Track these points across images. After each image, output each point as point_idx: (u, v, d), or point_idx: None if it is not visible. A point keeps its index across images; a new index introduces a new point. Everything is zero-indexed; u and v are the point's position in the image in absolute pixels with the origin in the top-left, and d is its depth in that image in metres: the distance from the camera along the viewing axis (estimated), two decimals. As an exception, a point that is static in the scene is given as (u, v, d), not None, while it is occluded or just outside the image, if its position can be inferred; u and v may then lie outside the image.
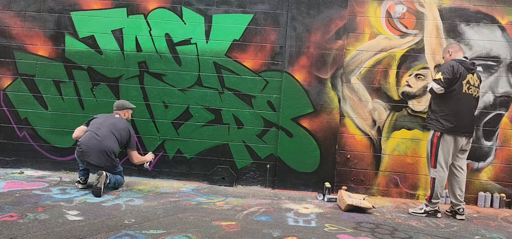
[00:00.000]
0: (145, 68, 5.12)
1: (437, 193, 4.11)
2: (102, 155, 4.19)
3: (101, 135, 4.24)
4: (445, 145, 4.06)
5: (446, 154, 4.07)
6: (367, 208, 4.14)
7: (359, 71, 5.00)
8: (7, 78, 5.16)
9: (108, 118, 4.45)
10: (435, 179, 4.11)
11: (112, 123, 4.39)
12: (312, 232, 3.37)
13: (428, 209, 4.18)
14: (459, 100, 4.02)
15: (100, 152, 4.18)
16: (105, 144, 4.21)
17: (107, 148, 4.20)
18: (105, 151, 4.19)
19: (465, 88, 4.04)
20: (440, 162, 4.08)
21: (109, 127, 4.32)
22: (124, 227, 3.17)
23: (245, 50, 5.05)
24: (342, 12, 4.93)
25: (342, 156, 5.01)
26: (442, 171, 4.09)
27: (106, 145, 4.20)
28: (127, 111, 4.67)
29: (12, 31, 5.15)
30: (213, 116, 5.10)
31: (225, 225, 3.40)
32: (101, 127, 4.32)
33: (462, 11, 4.90)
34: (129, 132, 4.46)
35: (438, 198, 4.14)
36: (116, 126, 4.37)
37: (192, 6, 5.07)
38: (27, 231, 2.93)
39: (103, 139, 4.23)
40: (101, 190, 4.03)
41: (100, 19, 5.11)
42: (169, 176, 5.14)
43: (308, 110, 4.95)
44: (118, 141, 4.33)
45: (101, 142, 4.20)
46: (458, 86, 4.00)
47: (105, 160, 4.21)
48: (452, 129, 4.02)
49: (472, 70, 4.09)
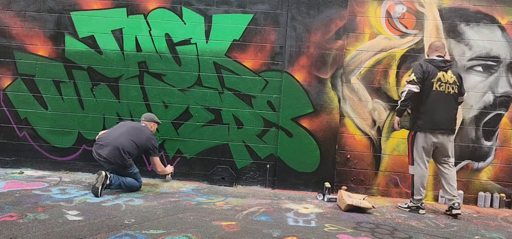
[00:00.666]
0: (145, 68, 5.12)
1: (418, 189, 4.23)
2: (115, 150, 4.19)
3: (119, 133, 4.32)
4: (418, 143, 4.20)
5: (420, 151, 4.21)
6: (367, 208, 4.14)
7: (359, 71, 5.00)
8: (7, 78, 5.17)
9: (131, 123, 4.59)
10: (413, 176, 4.27)
11: (133, 126, 4.48)
12: (312, 232, 3.37)
13: (411, 205, 4.31)
14: (429, 99, 4.13)
15: (115, 148, 4.20)
16: (120, 140, 4.24)
17: (121, 145, 4.22)
18: (119, 147, 4.20)
19: (436, 86, 4.12)
20: (416, 159, 4.24)
21: (129, 129, 4.39)
22: (124, 227, 3.17)
23: (245, 50, 5.06)
24: (342, 12, 4.93)
25: (342, 156, 5.02)
26: (419, 167, 4.22)
27: (120, 142, 4.23)
28: (154, 124, 4.70)
29: (12, 31, 5.15)
30: (213, 116, 5.10)
31: (225, 225, 3.40)
32: (121, 127, 4.44)
33: (462, 11, 4.90)
34: (150, 140, 4.44)
35: (420, 195, 4.24)
36: (136, 129, 4.42)
37: (192, 6, 5.07)
38: (27, 231, 2.93)
39: (119, 136, 4.28)
40: (99, 190, 4.03)
41: (100, 19, 5.11)
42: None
43: (308, 110, 4.95)
44: (135, 143, 4.31)
45: (116, 139, 4.25)
46: (427, 85, 4.12)
47: (116, 156, 4.20)
48: (423, 126, 4.16)
49: (443, 67, 4.16)
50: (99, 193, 4.03)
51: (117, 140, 4.25)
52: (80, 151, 5.16)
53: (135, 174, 4.41)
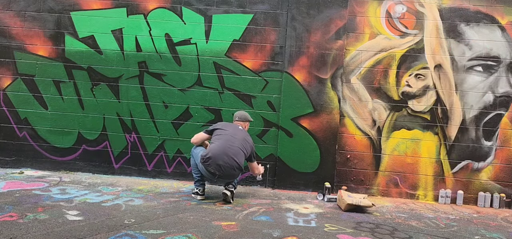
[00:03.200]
0: (145, 68, 5.12)
1: None
2: (233, 170, 4.08)
3: (234, 151, 4.07)
4: None
5: None
6: (367, 206, 4.14)
7: (359, 71, 5.00)
8: (7, 78, 5.16)
9: (237, 131, 4.25)
10: None
11: (243, 138, 4.22)
12: (312, 232, 3.37)
13: None
14: None
15: (232, 168, 4.06)
16: (237, 158, 4.08)
17: (239, 161, 4.09)
18: (237, 166, 4.09)
19: None
20: None
21: (241, 142, 4.16)
22: (124, 227, 3.17)
23: (245, 50, 5.05)
24: (342, 12, 4.93)
25: (342, 156, 5.01)
26: None
27: (238, 159, 4.09)
28: (248, 124, 4.51)
29: (12, 31, 5.15)
30: (213, 117, 5.10)
31: (225, 225, 3.40)
32: (234, 142, 4.12)
33: (462, 11, 4.90)
34: (252, 146, 4.32)
35: None
36: (246, 141, 4.23)
37: (192, 6, 5.07)
38: (27, 231, 2.93)
39: (236, 153, 4.08)
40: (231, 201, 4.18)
41: (100, 19, 5.11)
42: (169, 176, 5.14)
43: (308, 110, 4.95)
44: (245, 156, 4.23)
45: (234, 157, 4.05)
46: None
47: (235, 174, 4.16)
48: None
49: None
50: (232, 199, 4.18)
51: (236, 158, 4.06)
52: (80, 151, 5.16)
53: None
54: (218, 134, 4.19)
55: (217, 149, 4.03)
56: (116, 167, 5.15)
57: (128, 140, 5.14)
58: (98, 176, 5.05)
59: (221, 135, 4.17)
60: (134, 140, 5.14)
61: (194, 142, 4.32)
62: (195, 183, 4.32)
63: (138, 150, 5.14)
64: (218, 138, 4.15)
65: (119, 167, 5.15)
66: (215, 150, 4.03)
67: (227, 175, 4.10)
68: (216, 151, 4.02)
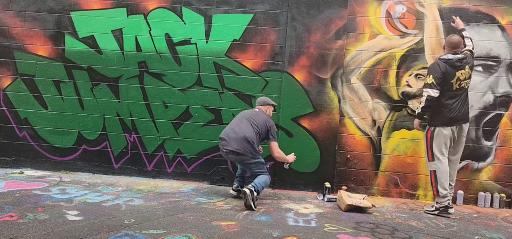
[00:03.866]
0: (145, 68, 5.12)
1: (442, 185, 4.16)
2: (242, 141, 4.15)
3: (240, 126, 4.25)
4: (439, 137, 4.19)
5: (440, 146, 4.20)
6: (367, 207, 4.14)
7: (359, 71, 5.00)
8: (7, 78, 5.17)
9: (250, 112, 4.44)
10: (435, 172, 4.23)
11: (250, 115, 4.36)
12: (312, 232, 3.37)
13: (438, 206, 4.22)
14: (448, 98, 4.15)
15: (240, 139, 4.15)
16: (243, 129, 4.20)
17: (246, 133, 4.17)
18: (244, 136, 4.15)
19: (456, 86, 4.14)
20: (436, 153, 4.21)
21: (247, 119, 4.29)
22: (124, 227, 3.17)
23: (245, 50, 5.05)
24: (342, 12, 4.93)
25: (342, 156, 5.01)
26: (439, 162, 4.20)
27: (244, 131, 4.18)
28: (269, 107, 4.54)
29: (12, 31, 5.15)
30: (213, 117, 5.10)
31: (225, 225, 3.40)
32: (241, 117, 4.37)
33: (462, 11, 4.90)
34: (267, 123, 4.31)
35: (446, 191, 4.16)
36: (254, 118, 4.31)
37: (192, 6, 5.07)
38: (27, 231, 2.93)
39: (242, 125, 4.23)
40: (252, 205, 3.94)
41: (100, 19, 5.11)
42: (169, 176, 5.14)
43: (308, 110, 4.95)
44: (256, 128, 4.24)
45: (240, 129, 4.21)
46: (448, 87, 4.13)
47: (245, 145, 4.15)
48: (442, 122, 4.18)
49: (459, 66, 4.14)
50: (254, 207, 3.96)
51: (242, 130, 4.19)
52: (80, 151, 5.16)
53: (263, 163, 4.33)
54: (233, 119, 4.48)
55: (227, 127, 4.37)
56: (116, 167, 5.16)
57: (128, 140, 5.15)
58: (98, 176, 5.05)
59: (235, 117, 4.47)
60: (134, 140, 5.14)
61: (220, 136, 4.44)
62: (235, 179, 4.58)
63: (138, 150, 5.15)
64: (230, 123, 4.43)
65: (119, 167, 5.15)
66: (226, 128, 4.36)
67: (236, 149, 4.13)
68: (226, 128, 4.35)
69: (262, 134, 4.30)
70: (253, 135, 4.21)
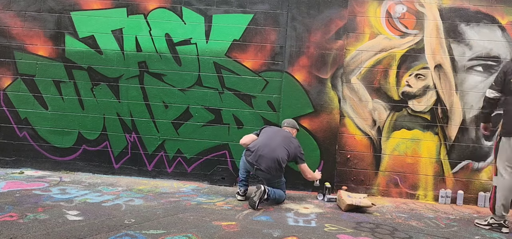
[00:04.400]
0: (145, 68, 5.12)
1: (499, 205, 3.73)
2: (273, 162, 4.15)
3: (275, 144, 4.22)
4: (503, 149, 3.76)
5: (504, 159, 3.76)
6: (367, 206, 4.14)
7: (359, 71, 5.00)
8: (7, 78, 5.17)
9: (281, 131, 4.45)
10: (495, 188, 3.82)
11: (285, 136, 4.36)
12: (312, 232, 3.36)
13: (492, 222, 3.82)
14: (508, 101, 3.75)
15: (272, 160, 4.15)
16: (277, 152, 4.18)
17: (279, 156, 4.17)
18: (277, 159, 4.15)
19: None
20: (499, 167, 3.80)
21: (282, 139, 4.29)
22: (124, 227, 3.17)
23: (245, 50, 5.05)
24: (342, 12, 4.93)
25: (342, 156, 5.01)
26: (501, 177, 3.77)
27: (278, 154, 4.17)
28: (295, 131, 4.61)
29: (12, 31, 5.15)
30: (213, 117, 5.10)
31: (225, 225, 3.40)
32: (275, 137, 4.30)
33: (462, 11, 4.90)
34: (298, 148, 4.36)
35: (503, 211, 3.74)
36: (289, 139, 4.34)
37: (192, 6, 5.07)
38: (27, 231, 2.93)
39: (276, 147, 4.20)
40: (256, 203, 3.97)
41: (100, 19, 5.11)
42: (169, 176, 5.14)
43: (308, 110, 4.95)
44: (288, 153, 4.26)
45: (274, 150, 4.18)
46: (506, 86, 3.75)
47: (275, 168, 4.17)
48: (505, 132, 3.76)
49: None
50: (256, 206, 3.98)
51: (275, 152, 4.17)
52: (80, 151, 5.16)
53: (284, 183, 4.39)
54: (264, 133, 4.41)
55: (259, 142, 4.29)
56: (116, 167, 5.16)
57: (128, 140, 5.15)
58: (98, 176, 5.05)
59: (266, 132, 4.40)
60: (134, 140, 5.14)
61: (242, 142, 4.40)
62: (239, 182, 4.46)
63: (138, 150, 5.15)
64: (262, 134, 4.41)
65: (119, 167, 5.16)
66: (258, 143, 4.29)
67: (266, 168, 4.15)
68: (259, 143, 4.28)
69: (291, 157, 4.33)
70: (285, 158, 4.23)
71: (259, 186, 4.05)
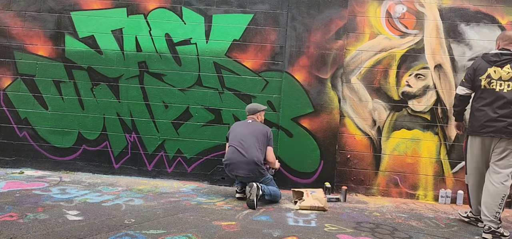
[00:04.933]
0: (145, 68, 5.12)
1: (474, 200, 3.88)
2: (249, 165, 4.16)
3: (246, 145, 4.20)
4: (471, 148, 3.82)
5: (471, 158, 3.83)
6: (320, 208, 4.10)
7: (359, 71, 5.00)
8: (7, 78, 5.17)
9: (245, 127, 4.36)
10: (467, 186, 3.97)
11: (250, 131, 4.30)
12: (312, 232, 3.37)
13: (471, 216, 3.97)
14: (479, 99, 3.69)
15: (247, 163, 4.16)
16: (250, 154, 4.17)
17: (253, 157, 4.16)
18: (252, 160, 4.15)
19: (484, 84, 3.63)
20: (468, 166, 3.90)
21: (250, 136, 4.25)
22: (124, 227, 3.17)
23: (245, 50, 5.05)
24: (342, 12, 4.93)
25: (342, 156, 5.01)
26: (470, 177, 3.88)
27: (251, 155, 4.16)
28: (260, 114, 4.54)
29: (12, 31, 5.15)
30: (213, 117, 5.10)
31: (225, 225, 3.40)
32: (243, 137, 4.25)
33: (462, 11, 4.90)
34: (266, 133, 4.32)
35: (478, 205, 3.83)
36: (254, 133, 4.28)
37: (192, 6, 5.07)
38: (27, 231, 2.93)
39: (247, 148, 4.19)
40: (254, 202, 3.96)
41: (100, 19, 5.11)
42: (169, 176, 5.14)
43: (308, 110, 4.95)
44: (260, 148, 4.24)
45: (246, 152, 4.17)
46: (477, 83, 3.70)
47: (253, 170, 4.17)
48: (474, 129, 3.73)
49: (495, 62, 3.62)
50: (255, 205, 3.97)
51: (248, 154, 4.16)
52: (80, 151, 5.16)
53: (271, 179, 4.37)
54: (231, 139, 4.35)
55: (229, 152, 4.28)
56: (116, 167, 5.16)
57: (128, 140, 5.15)
58: (98, 176, 5.06)
59: (233, 138, 4.33)
60: (134, 140, 5.14)
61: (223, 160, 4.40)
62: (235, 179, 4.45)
63: (138, 150, 5.15)
64: (230, 140, 4.36)
65: (119, 167, 5.16)
66: (228, 153, 4.29)
67: (246, 174, 4.17)
68: (229, 153, 4.28)
69: (264, 147, 4.31)
70: (260, 155, 4.22)
71: (251, 185, 4.05)
